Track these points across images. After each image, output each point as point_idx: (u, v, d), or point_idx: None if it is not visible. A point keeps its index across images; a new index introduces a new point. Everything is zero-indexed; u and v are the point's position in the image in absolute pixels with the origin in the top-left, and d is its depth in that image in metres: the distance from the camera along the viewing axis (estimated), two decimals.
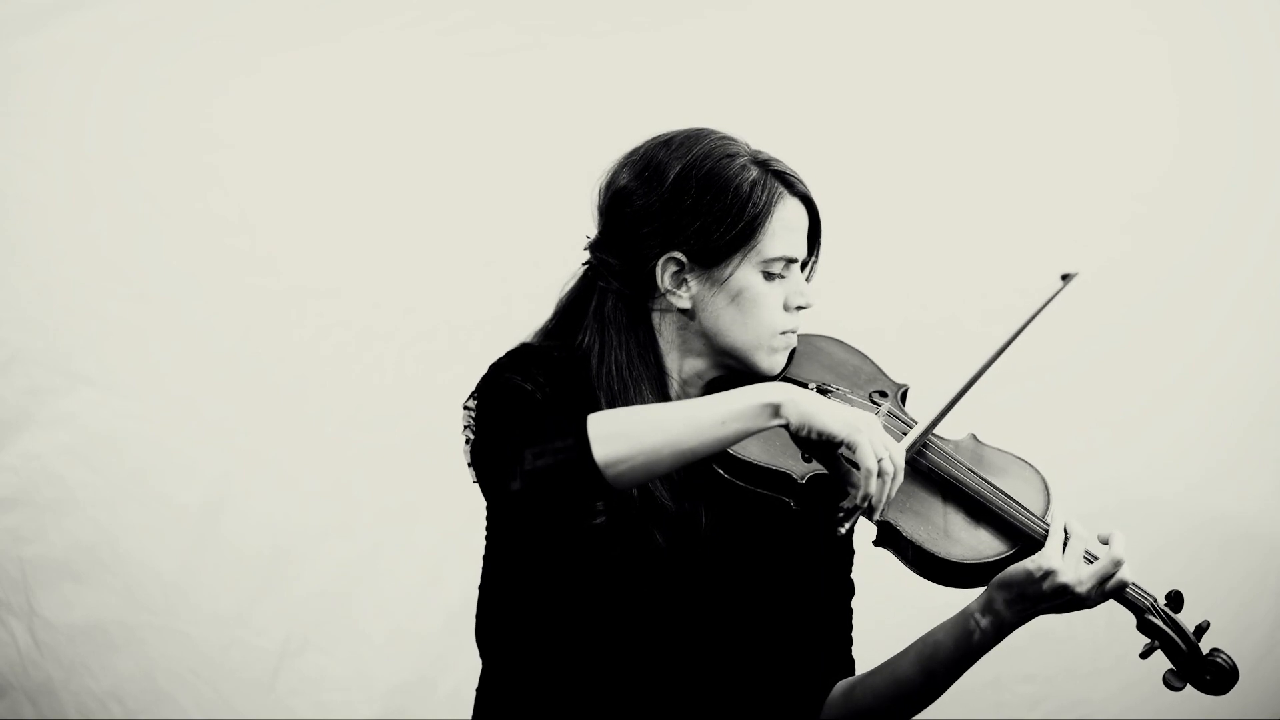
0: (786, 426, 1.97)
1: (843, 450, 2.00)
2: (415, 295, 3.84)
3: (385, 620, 3.78)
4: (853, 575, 2.36)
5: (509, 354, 2.19)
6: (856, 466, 1.99)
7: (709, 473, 2.15)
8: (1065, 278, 2.35)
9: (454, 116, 3.86)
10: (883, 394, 2.29)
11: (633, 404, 2.14)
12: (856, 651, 2.35)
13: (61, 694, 3.71)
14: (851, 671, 2.31)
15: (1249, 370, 3.85)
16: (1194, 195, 3.87)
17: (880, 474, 1.97)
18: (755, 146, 2.22)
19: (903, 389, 2.31)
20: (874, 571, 2.37)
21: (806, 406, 1.97)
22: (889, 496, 1.99)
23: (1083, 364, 3.85)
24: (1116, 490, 3.69)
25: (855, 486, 1.99)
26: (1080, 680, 3.82)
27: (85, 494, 3.73)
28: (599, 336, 2.18)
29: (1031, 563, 2.10)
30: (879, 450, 1.96)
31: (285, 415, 3.79)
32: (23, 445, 3.72)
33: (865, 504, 1.98)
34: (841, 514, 2.00)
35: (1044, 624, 3.72)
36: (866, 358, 2.35)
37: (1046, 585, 2.10)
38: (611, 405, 2.14)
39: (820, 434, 1.96)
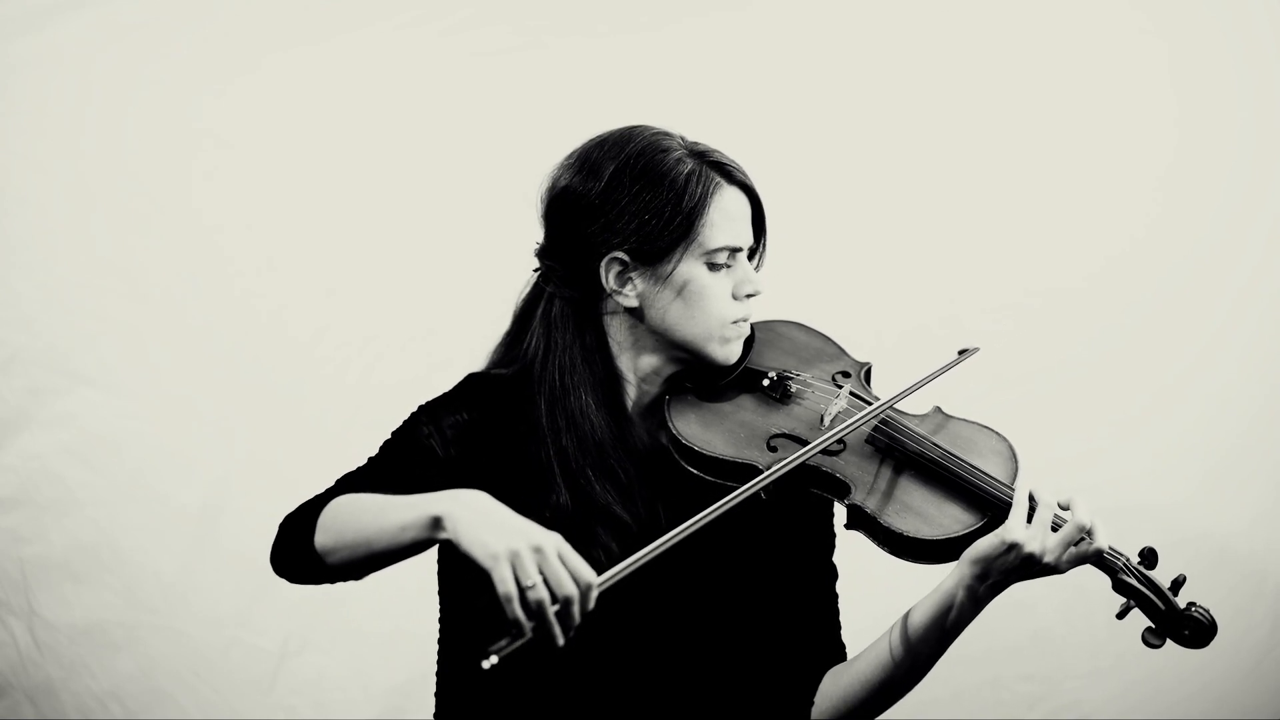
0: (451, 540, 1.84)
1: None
2: (414, 295, 3.83)
3: (385, 620, 3.77)
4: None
5: (448, 391, 2.19)
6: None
7: (672, 468, 2.14)
8: (962, 353, 2.36)
9: (454, 116, 3.86)
10: (845, 374, 2.28)
11: (570, 409, 2.13)
12: (845, 636, 2.33)
13: (61, 694, 3.71)
14: (843, 656, 2.30)
15: (1249, 371, 3.84)
16: (1193, 197, 3.86)
17: (525, 604, 1.75)
18: (692, 138, 2.20)
19: (866, 367, 2.30)
20: (849, 552, 2.35)
21: (460, 525, 1.82)
22: (562, 630, 1.77)
23: (1082, 367, 3.84)
24: (1116, 492, 3.68)
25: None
26: (1080, 680, 3.82)
27: (85, 494, 3.73)
28: (544, 342, 2.18)
29: (996, 536, 2.07)
30: (525, 578, 1.75)
31: (285, 415, 3.78)
32: (23, 445, 3.72)
33: (518, 634, 1.74)
34: (505, 641, 1.73)
35: (1044, 624, 3.80)
36: (829, 339, 2.34)
37: (1013, 557, 2.06)
38: (550, 411, 2.14)
39: (467, 554, 1.81)
